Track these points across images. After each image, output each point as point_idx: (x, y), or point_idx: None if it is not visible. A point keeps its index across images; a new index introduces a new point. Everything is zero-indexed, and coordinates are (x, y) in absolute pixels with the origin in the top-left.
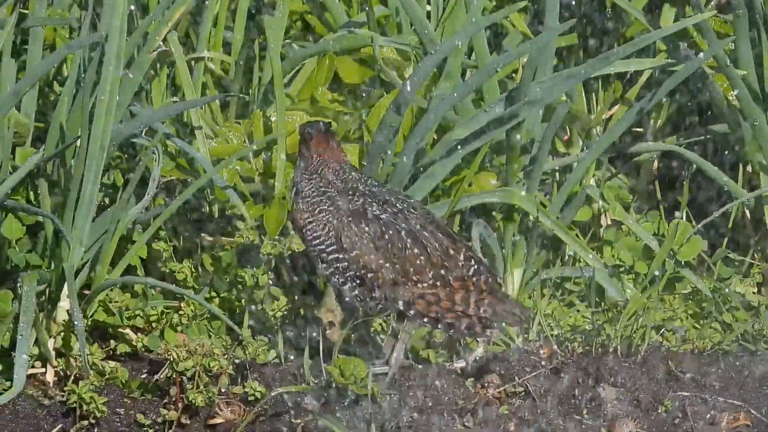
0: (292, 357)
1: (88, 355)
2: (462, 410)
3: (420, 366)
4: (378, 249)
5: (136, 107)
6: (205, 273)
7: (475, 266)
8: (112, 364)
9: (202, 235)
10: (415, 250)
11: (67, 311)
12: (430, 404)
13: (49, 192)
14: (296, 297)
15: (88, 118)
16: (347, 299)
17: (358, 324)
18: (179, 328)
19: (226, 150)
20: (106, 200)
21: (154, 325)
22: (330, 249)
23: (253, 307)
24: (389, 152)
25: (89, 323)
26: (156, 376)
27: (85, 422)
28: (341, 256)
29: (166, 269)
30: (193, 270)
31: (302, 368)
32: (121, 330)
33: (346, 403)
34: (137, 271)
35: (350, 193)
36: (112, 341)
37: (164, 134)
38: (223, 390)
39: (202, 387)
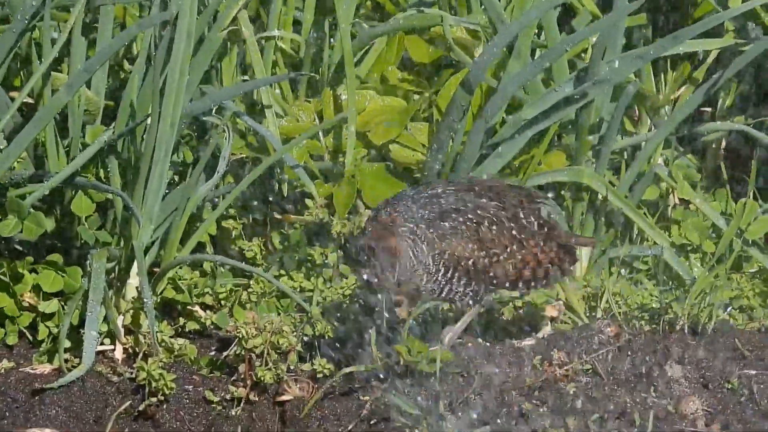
0: (360, 335)
1: (157, 332)
2: (529, 388)
3: (487, 344)
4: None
5: (207, 86)
6: (274, 251)
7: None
8: (181, 341)
9: (272, 213)
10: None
11: (137, 288)
12: (497, 382)
13: (120, 170)
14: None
15: (158, 96)
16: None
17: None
18: (248, 306)
19: (296, 129)
20: (176, 178)
21: (223, 302)
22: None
23: (322, 285)
24: (459, 131)
25: (158, 301)
26: (225, 354)
27: (154, 399)
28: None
29: (236, 247)
30: (262, 248)
31: (370, 346)
32: (190, 308)
33: (413, 381)
34: (206, 249)
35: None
36: (181, 319)
37: (234, 113)
38: (291, 367)
39: (270, 364)
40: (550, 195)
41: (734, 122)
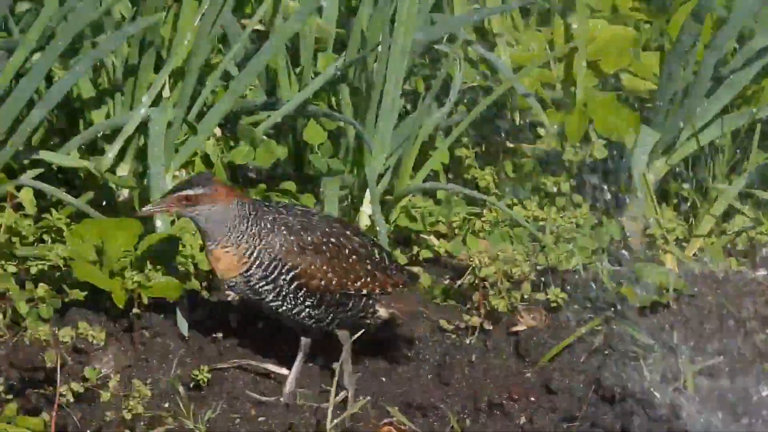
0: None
1: None
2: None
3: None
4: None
5: (438, 14)
6: (507, 180)
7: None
8: (415, 269)
9: (504, 142)
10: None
11: (370, 216)
12: (738, 315)
13: (351, 98)
14: (597, 204)
15: (388, 24)
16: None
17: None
18: (481, 235)
19: (527, 57)
20: (408, 107)
21: (456, 231)
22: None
23: (555, 214)
24: (690, 61)
25: (392, 228)
26: (458, 282)
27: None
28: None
29: (469, 176)
30: (495, 177)
31: (601, 275)
32: (424, 236)
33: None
34: (439, 177)
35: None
36: (414, 247)
37: (465, 41)
38: (525, 296)
39: (503, 293)
40: None
41: None
